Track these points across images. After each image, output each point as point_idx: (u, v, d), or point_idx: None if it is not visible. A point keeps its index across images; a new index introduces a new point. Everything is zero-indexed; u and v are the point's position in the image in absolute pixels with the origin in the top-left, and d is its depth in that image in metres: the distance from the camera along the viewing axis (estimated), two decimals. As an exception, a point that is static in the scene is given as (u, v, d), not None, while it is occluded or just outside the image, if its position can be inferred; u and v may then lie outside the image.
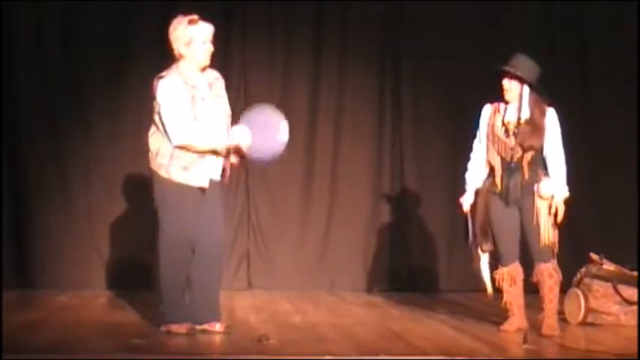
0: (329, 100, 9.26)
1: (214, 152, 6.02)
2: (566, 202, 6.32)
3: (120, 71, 8.94)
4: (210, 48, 6.08)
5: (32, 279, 8.70)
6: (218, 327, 6.11)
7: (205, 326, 6.08)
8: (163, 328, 6.03)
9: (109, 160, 8.91)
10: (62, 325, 6.43)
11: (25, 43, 8.81)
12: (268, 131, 6.13)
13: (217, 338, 5.94)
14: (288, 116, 9.05)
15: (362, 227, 9.26)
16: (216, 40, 6.17)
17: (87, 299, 7.93)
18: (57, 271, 8.71)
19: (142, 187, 8.89)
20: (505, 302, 6.51)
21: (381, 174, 9.33)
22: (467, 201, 6.54)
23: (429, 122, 9.38)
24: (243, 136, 6.06)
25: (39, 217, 8.76)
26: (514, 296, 6.48)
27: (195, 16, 6.07)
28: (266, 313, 7.25)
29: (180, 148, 5.95)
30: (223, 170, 6.15)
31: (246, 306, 7.74)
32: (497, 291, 6.55)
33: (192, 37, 6.01)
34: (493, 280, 6.54)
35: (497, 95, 6.49)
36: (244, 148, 6.07)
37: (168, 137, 5.97)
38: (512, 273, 6.45)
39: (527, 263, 6.44)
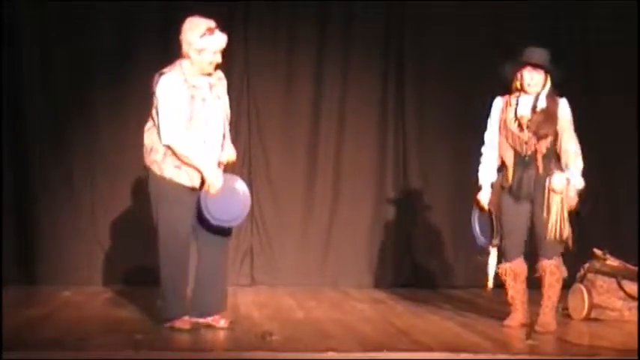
0: (332, 99, 9.26)
1: (191, 165, 5.95)
2: (580, 196, 6.29)
3: (123, 70, 8.93)
4: (218, 59, 6.02)
5: (36, 275, 8.71)
6: (222, 323, 6.12)
7: (210, 321, 6.10)
8: (167, 324, 6.04)
9: (113, 157, 8.91)
10: (66, 321, 6.45)
11: (28, 43, 8.81)
12: (232, 203, 6.02)
13: (221, 334, 5.95)
14: (292, 114, 9.19)
15: (365, 223, 9.26)
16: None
17: (90, 295, 7.94)
18: (61, 267, 8.72)
19: (145, 184, 8.90)
20: (509, 297, 6.51)
21: (385, 170, 9.33)
22: (485, 197, 6.47)
23: (431, 120, 9.38)
24: (218, 179, 5.98)
25: (43, 213, 8.77)
26: (517, 291, 6.47)
27: (212, 24, 5.99)
28: (269, 309, 7.25)
29: (167, 147, 5.94)
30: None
31: (249, 302, 7.74)
32: (499, 287, 6.54)
33: (204, 47, 5.95)
34: (497, 276, 6.53)
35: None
36: (211, 189, 5.96)
37: (159, 135, 5.96)
38: (515, 269, 6.44)
39: (534, 258, 6.42)
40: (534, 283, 6.49)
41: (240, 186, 6.14)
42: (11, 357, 5.02)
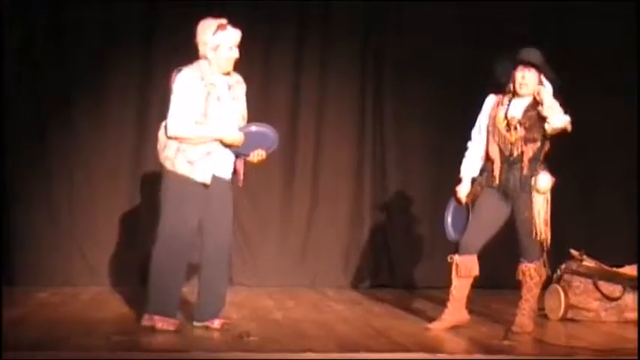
0: (310, 100, 9.26)
1: (217, 140, 5.99)
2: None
3: (103, 71, 8.90)
4: (235, 54, 6.10)
5: (12, 276, 8.65)
6: (216, 323, 6.15)
7: (207, 323, 6.14)
8: (146, 321, 6.02)
9: (91, 158, 8.87)
10: (43, 322, 6.40)
11: (9, 43, 8.74)
12: (260, 138, 6.15)
13: (199, 335, 5.94)
14: (270, 114, 9.17)
15: (343, 224, 9.28)
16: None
17: (67, 296, 7.89)
18: (37, 268, 8.67)
19: (124, 182, 8.91)
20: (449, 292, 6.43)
21: (363, 171, 9.35)
22: (464, 190, 6.43)
23: (410, 120, 9.40)
24: (236, 133, 6.05)
25: (20, 214, 8.71)
26: (458, 288, 6.38)
27: (224, 21, 6.08)
28: (247, 310, 7.25)
29: (174, 139, 5.94)
30: (236, 171, 6.17)
31: (227, 303, 7.69)
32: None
33: (219, 43, 6.02)
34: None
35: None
36: (236, 143, 6.05)
37: (165, 127, 5.97)
38: (464, 264, 6.32)
39: (514, 260, 6.41)
40: (515, 284, 6.47)
41: (256, 126, 6.19)
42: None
